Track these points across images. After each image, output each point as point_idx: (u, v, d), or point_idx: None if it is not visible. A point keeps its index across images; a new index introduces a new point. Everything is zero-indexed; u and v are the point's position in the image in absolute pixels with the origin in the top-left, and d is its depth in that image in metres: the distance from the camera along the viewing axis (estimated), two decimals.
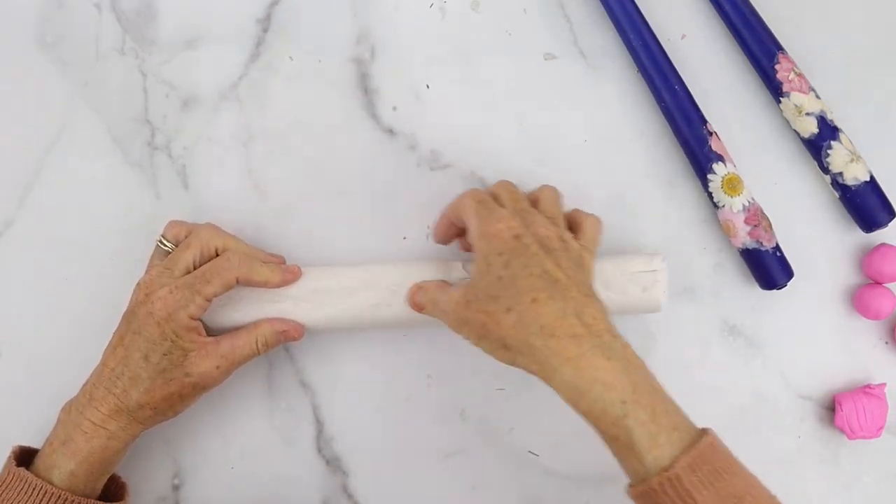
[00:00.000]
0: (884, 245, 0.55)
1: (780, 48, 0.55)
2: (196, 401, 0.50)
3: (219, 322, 0.51)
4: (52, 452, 0.47)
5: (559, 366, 0.42)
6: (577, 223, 0.49)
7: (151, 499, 0.55)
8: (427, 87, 0.57)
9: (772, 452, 0.47)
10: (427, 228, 0.56)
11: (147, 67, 0.57)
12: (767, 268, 0.54)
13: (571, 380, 0.42)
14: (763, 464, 0.43)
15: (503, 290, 0.43)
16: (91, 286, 0.56)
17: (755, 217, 0.54)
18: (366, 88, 0.57)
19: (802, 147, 0.56)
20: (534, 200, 0.49)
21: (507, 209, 0.47)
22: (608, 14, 0.56)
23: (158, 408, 0.48)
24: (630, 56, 0.56)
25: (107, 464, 0.48)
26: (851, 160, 0.53)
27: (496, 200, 0.48)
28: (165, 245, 0.51)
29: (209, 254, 0.50)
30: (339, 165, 0.57)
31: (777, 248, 0.54)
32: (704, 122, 0.55)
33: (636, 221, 0.54)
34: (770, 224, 0.54)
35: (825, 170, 0.54)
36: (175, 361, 0.47)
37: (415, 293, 0.51)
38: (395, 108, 0.57)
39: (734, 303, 0.56)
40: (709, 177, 0.54)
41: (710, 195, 0.55)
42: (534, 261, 0.44)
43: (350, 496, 0.55)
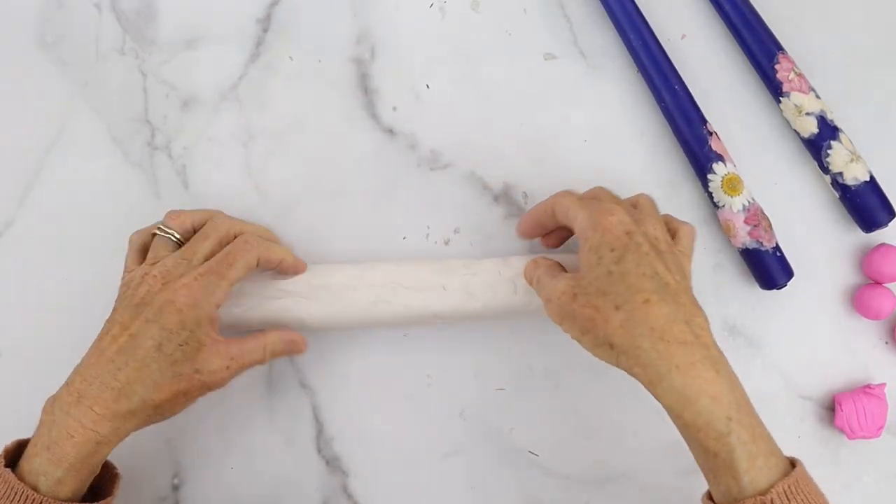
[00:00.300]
0: (884, 245, 0.55)
1: (780, 48, 0.55)
2: (194, 402, 0.48)
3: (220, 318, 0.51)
4: (36, 455, 0.43)
5: (667, 372, 0.41)
6: (674, 230, 0.49)
7: (151, 499, 0.55)
8: (427, 87, 0.57)
9: None
10: (427, 228, 0.56)
11: (147, 67, 0.57)
12: (767, 268, 0.54)
13: (680, 387, 0.41)
14: None
15: (613, 286, 0.43)
16: (91, 286, 0.56)
17: (755, 217, 0.54)
18: (366, 88, 0.57)
19: (802, 147, 0.56)
20: (632, 205, 0.49)
21: (616, 205, 0.46)
22: (608, 14, 0.56)
23: (161, 406, 0.45)
24: (630, 56, 0.56)
25: (95, 466, 0.45)
26: (851, 160, 0.53)
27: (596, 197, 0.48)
28: (166, 233, 0.49)
29: (227, 242, 0.49)
30: (339, 165, 0.57)
31: (777, 248, 0.54)
32: (704, 122, 0.55)
33: None
34: (770, 224, 0.54)
35: (825, 170, 0.54)
36: (188, 354, 0.45)
37: (530, 266, 0.50)
38: (395, 108, 0.57)
39: (734, 303, 0.56)
40: (709, 177, 0.54)
41: (710, 195, 0.55)
42: (645, 260, 0.43)
43: (350, 496, 0.55)
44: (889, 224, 0.54)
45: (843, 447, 0.56)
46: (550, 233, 0.53)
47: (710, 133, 0.54)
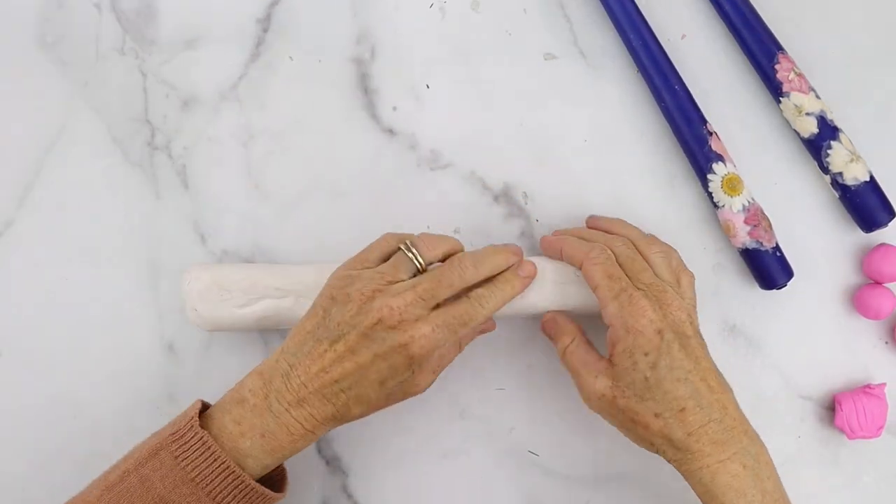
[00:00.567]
0: (884, 245, 0.55)
1: (780, 48, 0.55)
2: None
3: (220, 318, 0.51)
4: (241, 436, 0.45)
5: (697, 470, 0.45)
6: (676, 279, 0.50)
7: None
8: (427, 87, 0.57)
9: (772, 452, 0.47)
10: (427, 228, 0.56)
11: (147, 67, 0.57)
12: (767, 268, 0.54)
13: (707, 484, 0.45)
14: None
15: (650, 392, 0.46)
16: (91, 286, 0.56)
17: (755, 217, 0.54)
18: (366, 88, 0.57)
19: (802, 147, 0.56)
20: (643, 251, 0.50)
21: (642, 292, 0.47)
22: (608, 14, 0.56)
23: (367, 415, 0.48)
24: (630, 56, 0.56)
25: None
26: (851, 160, 0.53)
27: (617, 258, 0.49)
28: (412, 255, 0.48)
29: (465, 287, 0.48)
30: (339, 165, 0.57)
31: (777, 248, 0.54)
32: (704, 122, 0.55)
33: (636, 221, 0.54)
34: (770, 224, 0.54)
35: (825, 170, 0.54)
36: (405, 387, 0.47)
37: (559, 334, 0.51)
38: (395, 108, 0.57)
39: (734, 303, 0.56)
40: (709, 177, 0.54)
41: (710, 195, 0.55)
42: (677, 363, 0.46)
43: (350, 496, 0.55)
44: (889, 224, 0.54)
45: (843, 447, 0.56)
46: None
47: (710, 133, 0.54)
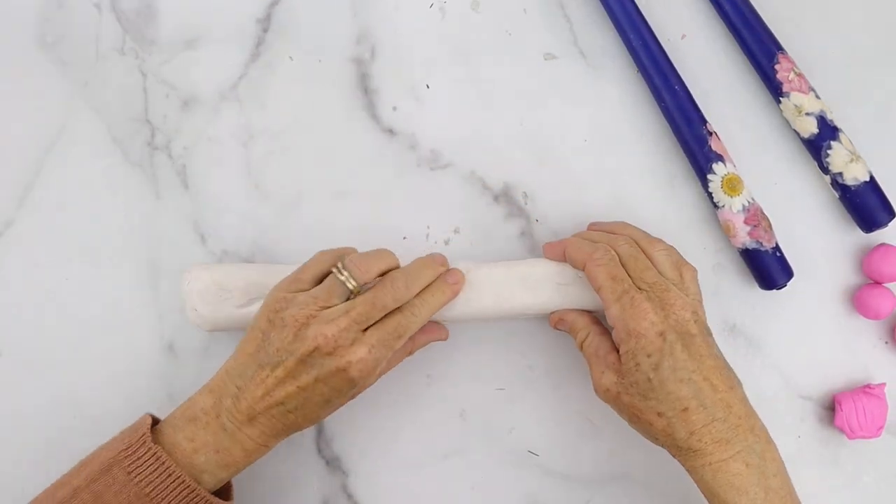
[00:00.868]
0: (884, 245, 0.55)
1: (780, 48, 0.55)
2: None
3: (220, 318, 0.51)
4: (195, 452, 0.46)
5: (700, 468, 0.46)
6: (679, 276, 0.50)
7: None
8: (427, 87, 0.57)
9: None
10: (427, 228, 0.56)
11: (147, 67, 0.57)
12: (767, 268, 0.54)
13: (709, 481, 0.45)
14: None
15: (653, 392, 0.46)
16: (91, 286, 0.56)
17: (755, 217, 0.54)
18: (366, 88, 0.57)
19: (802, 147, 0.56)
20: (646, 249, 0.50)
21: (644, 294, 0.47)
22: (608, 14, 0.56)
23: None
24: (630, 56, 0.56)
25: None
26: (851, 160, 0.53)
27: (620, 257, 0.49)
28: (343, 278, 0.48)
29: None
30: (339, 165, 0.57)
31: (777, 248, 0.54)
32: (704, 122, 0.55)
33: (636, 221, 0.54)
34: (770, 224, 0.54)
35: (825, 170, 0.54)
36: (351, 397, 0.49)
37: (578, 324, 0.51)
38: (395, 108, 0.57)
39: (734, 303, 0.56)
40: (709, 177, 0.54)
41: (710, 195, 0.55)
42: (680, 364, 0.46)
43: (350, 496, 0.55)
44: (889, 224, 0.54)
45: (843, 447, 0.56)
46: None
47: (710, 133, 0.54)
